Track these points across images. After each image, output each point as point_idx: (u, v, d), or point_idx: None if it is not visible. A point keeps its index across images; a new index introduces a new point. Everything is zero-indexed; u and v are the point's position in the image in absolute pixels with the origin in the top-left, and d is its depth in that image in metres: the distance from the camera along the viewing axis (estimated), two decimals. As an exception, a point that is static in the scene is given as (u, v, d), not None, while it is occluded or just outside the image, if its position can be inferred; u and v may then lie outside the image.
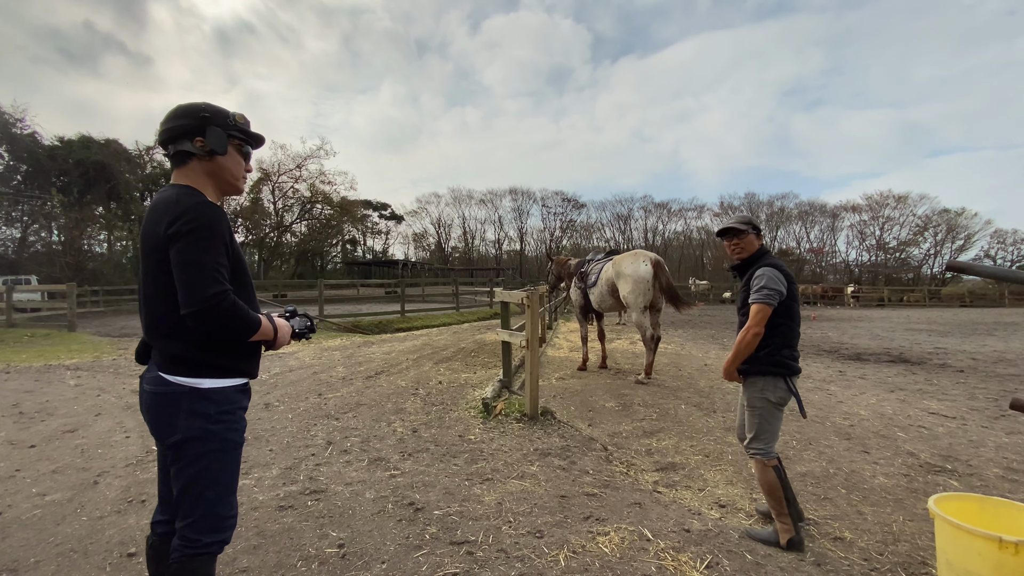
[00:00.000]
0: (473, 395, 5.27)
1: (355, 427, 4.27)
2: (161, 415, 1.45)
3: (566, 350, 9.28)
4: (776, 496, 2.52)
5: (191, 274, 1.34)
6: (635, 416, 4.91)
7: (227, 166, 1.57)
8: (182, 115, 1.51)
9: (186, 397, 1.43)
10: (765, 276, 2.50)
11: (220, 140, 1.53)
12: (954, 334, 13.74)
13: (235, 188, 1.62)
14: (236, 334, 1.43)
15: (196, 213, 1.39)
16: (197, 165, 1.52)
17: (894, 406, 5.50)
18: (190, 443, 1.43)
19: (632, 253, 6.27)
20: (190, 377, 1.43)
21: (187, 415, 1.42)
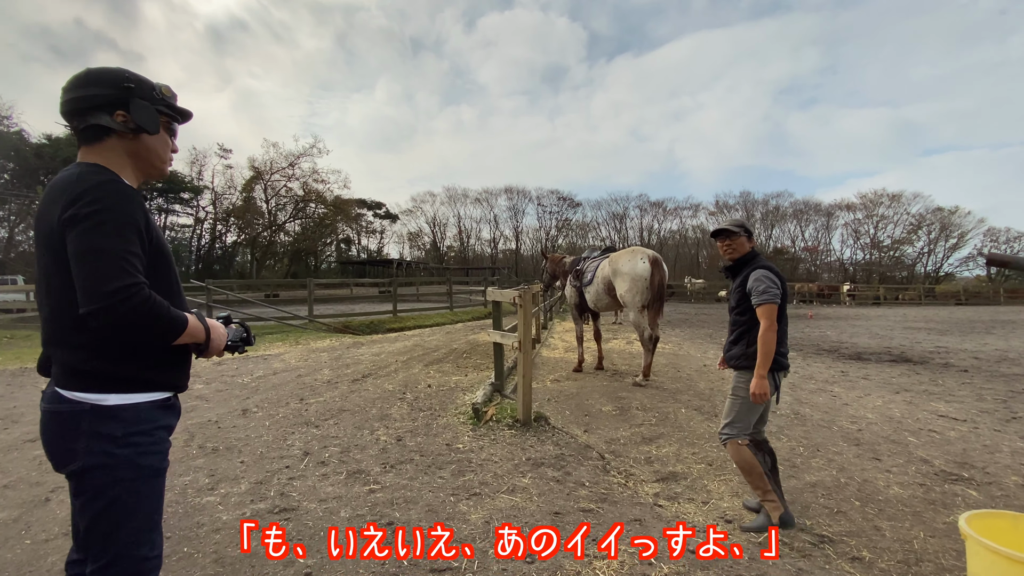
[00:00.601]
0: (463, 399, 5.01)
1: (336, 435, 4.00)
2: (57, 438, 1.22)
3: (561, 350, 9.03)
4: (756, 473, 2.62)
5: (91, 265, 1.12)
6: (633, 421, 4.68)
7: (154, 147, 1.36)
8: (98, 82, 1.27)
9: (87, 416, 1.19)
10: (764, 278, 2.64)
11: (151, 116, 1.32)
12: (953, 332, 13.61)
13: (160, 171, 1.40)
14: (153, 336, 1.22)
15: (99, 193, 1.16)
16: (116, 143, 1.29)
17: (901, 408, 5.30)
18: (93, 472, 1.20)
19: (629, 250, 6.04)
20: (92, 392, 1.20)
21: (88, 438, 1.19)
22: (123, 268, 1.13)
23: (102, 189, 1.17)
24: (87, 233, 1.13)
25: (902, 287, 41.21)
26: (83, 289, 1.12)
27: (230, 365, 7.33)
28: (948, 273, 54.87)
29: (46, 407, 1.24)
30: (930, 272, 54.48)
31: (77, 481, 1.22)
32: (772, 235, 59.62)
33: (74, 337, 1.20)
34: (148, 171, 1.38)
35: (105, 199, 1.16)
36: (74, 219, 1.13)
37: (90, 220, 1.13)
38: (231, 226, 43.57)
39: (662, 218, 60.95)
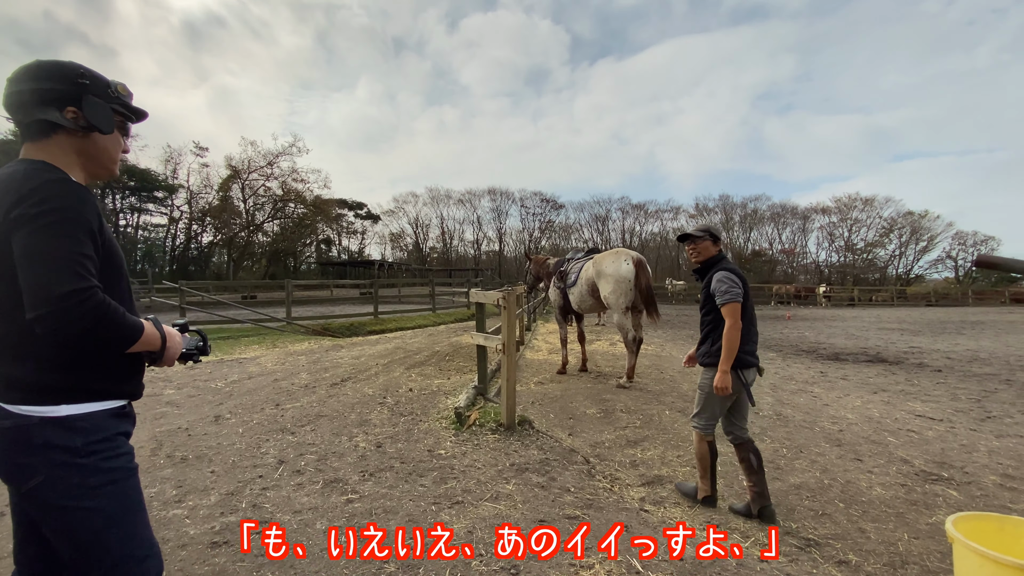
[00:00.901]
0: (445, 403, 4.90)
1: (312, 442, 3.86)
2: (8, 456, 1.14)
3: (545, 352, 8.98)
4: (704, 464, 2.98)
5: (40, 267, 1.05)
6: (618, 423, 4.63)
7: (105, 146, 1.29)
8: (49, 76, 1.20)
9: (38, 430, 1.13)
10: (725, 279, 2.82)
11: (105, 116, 1.26)
12: (925, 333, 13.99)
13: (109, 172, 1.33)
14: (106, 344, 1.15)
15: (49, 191, 1.10)
16: (65, 141, 1.22)
17: (880, 408, 5.37)
18: (60, 483, 1.13)
19: (613, 252, 6.01)
20: (41, 404, 1.14)
21: (45, 451, 1.12)
22: (75, 271, 1.06)
23: (52, 188, 1.10)
24: (36, 234, 1.06)
25: (875, 289, 42.37)
26: (31, 292, 1.05)
27: (203, 369, 7.08)
28: (918, 275, 56.70)
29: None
30: (901, 274, 56.22)
31: (43, 497, 1.13)
32: (751, 238, 60.78)
33: (19, 347, 1.13)
34: (96, 171, 1.30)
35: (55, 198, 1.09)
36: (21, 219, 1.06)
37: (39, 220, 1.06)
38: (207, 226, 42.54)
39: (643, 220, 61.68)
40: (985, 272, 53.10)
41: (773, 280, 46.98)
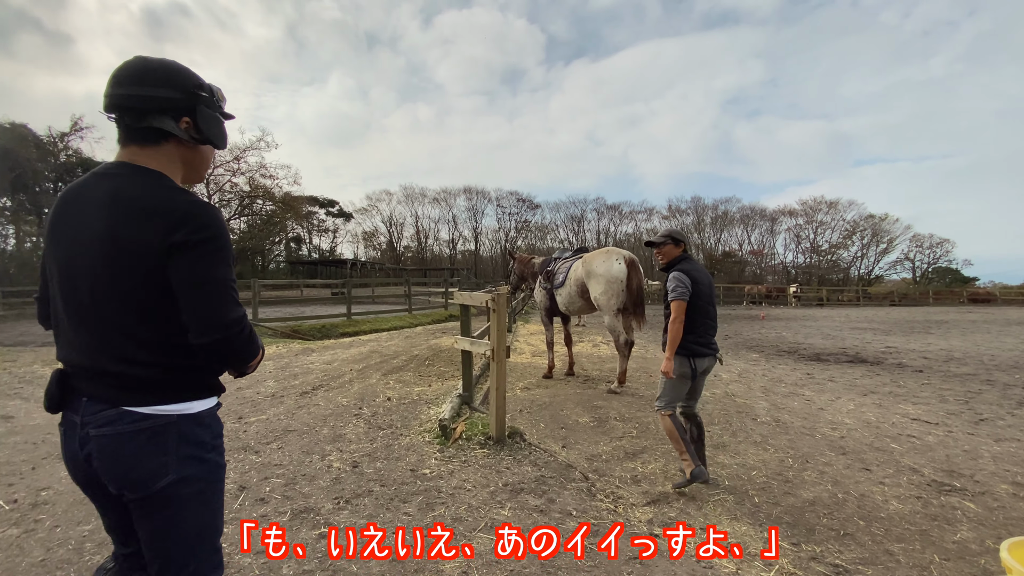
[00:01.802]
0: (428, 414, 4.52)
1: (279, 463, 3.43)
2: (140, 458, 1.12)
3: (528, 355, 8.66)
4: (675, 438, 3.19)
5: (210, 295, 1.12)
6: (613, 433, 4.34)
7: (207, 156, 1.32)
8: (165, 83, 1.18)
9: (174, 428, 1.16)
10: (674, 279, 3.22)
11: (219, 129, 1.28)
12: (895, 332, 14.30)
13: (201, 179, 1.38)
14: (245, 363, 1.23)
15: (208, 219, 1.14)
16: (174, 150, 1.22)
17: (874, 412, 5.25)
18: (188, 482, 1.17)
19: (604, 251, 5.73)
20: (175, 403, 1.16)
21: (179, 448, 1.16)
22: (235, 299, 1.15)
23: (209, 213, 1.14)
24: (202, 261, 1.11)
25: (839, 289, 43.76)
26: (202, 319, 1.11)
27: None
28: (878, 276, 58.99)
29: (111, 431, 1.12)
30: (863, 275, 58.36)
31: (160, 500, 1.14)
32: (721, 239, 62.03)
33: (148, 356, 1.14)
34: (192, 178, 1.31)
35: (215, 225, 1.14)
36: (187, 245, 1.09)
37: (204, 248, 1.11)
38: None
39: (618, 221, 62.09)
40: (939, 273, 55.78)
41: (743, 280, 48.02)
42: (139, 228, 1.09)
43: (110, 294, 1.11)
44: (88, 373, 1.14)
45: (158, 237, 1.08)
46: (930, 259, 58.35)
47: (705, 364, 3.26)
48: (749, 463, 3.75)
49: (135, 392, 1.13)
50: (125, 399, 1.12)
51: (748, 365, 8.26)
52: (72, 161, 38.10)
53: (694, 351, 3.21)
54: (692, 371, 3.21)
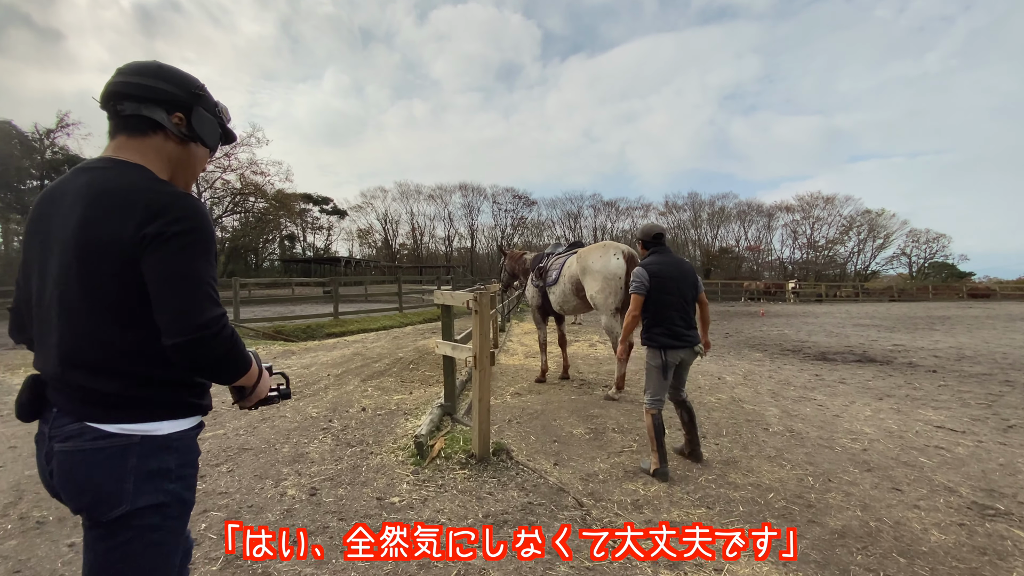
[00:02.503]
0: (405, 427, 4.07)
1: (225, 491, 2.97)
2: (97, 481, 1.00)
3: (521, 356, 8.22)
4: (651, 436, 3.31)
5: (185, 291, 1.00)
6: (611, 447, 3.90)
7: (199, 158, 1.25)
8: (167, 78, 1.16)
9: (136, 450, 1.03)
10: (634, 274, 3.43)
11: (212, 130, 1.25)
12: (899, 329, 13.93)
13: (190, 185, 1.28)
14: (227, 374, 1.09)
15: (186, 210, 1.05)
16: (161, 144, 1.16)
17: (894, 419, 4.84)
18: (144, 514, 1.03)
19: (601, 245, 5.28)
20: (140, 422, 1.04)
21: (138, 475, 1.02)
22: (212, 297, 1.04)
23: (187, 204, 1.05)
24: (177, 255, 1.01)
25: (837, 284, 43.51)
26: (173, 319, 0.99)
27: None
28: (874, 271, 58.89)
29: (73, 447, 1.02)
30: (860, 270, 58.22)
31: (114, 528, 1.02)
32: (718, 235, 61.79)
33: (118, 363, 1.03)
34: (181, 181, 1.22)
35: (193, 217, 1.05)
36: (161, 238, 1.00)
37: (179, 241, 1.01)
38: (159, 221, 39.88)
39: (615, 217, 61.71)
40: (935, 268, 55.70)
41: (740, 276, 47.76)
42: (110, 221, 1.02)
43: (83, 295, 1.03)
44: (57, 383, 1.06)
45: (130, 229, 1.00)
46: (926, 254, 58.34)
47: (679, 356, 3.32)
48: (764, 483, 3.32)
49: (98, 406, 1.03)
50: (88, 413, 1.03)
51: (753, 366, 7.84)
52: (59, 158, 37.38)
53: (663, 343, 3.27)
54: (663, 363, 3.26)
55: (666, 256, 3.50)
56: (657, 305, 3.32)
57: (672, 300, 3.33)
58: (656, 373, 3.31)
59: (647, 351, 3.38)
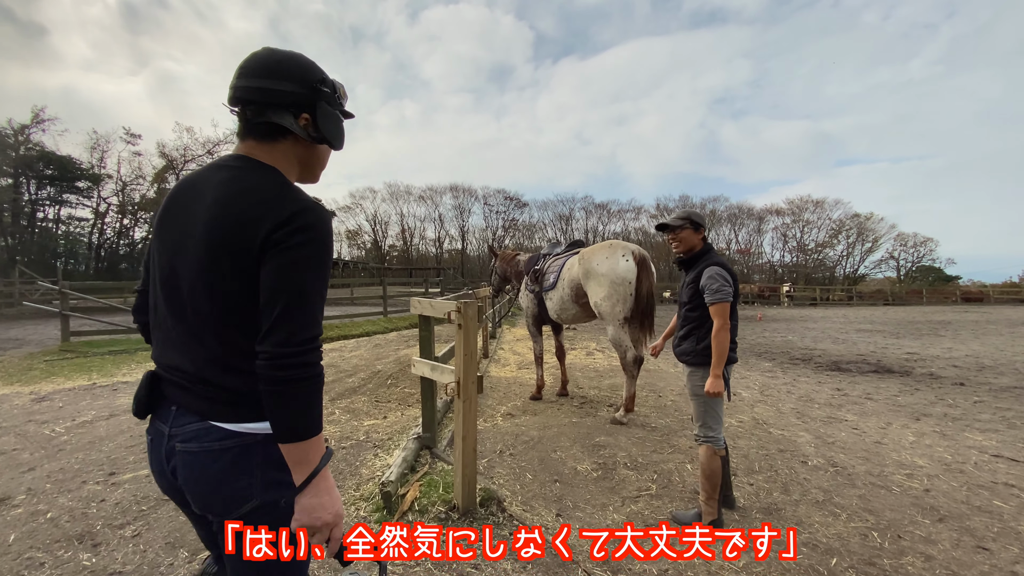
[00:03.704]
0: (372, 465, 3.34)
1: (121, 568, 2.22)
2: (224, 480, 1.01)
3: (513, 367, 7.51)
4: (714, 483, 2.66)
5: (296, 305, 0.98)
6: (625, 490, 3.21)
7: (325, 157, 1.23)
8: (288, 76, 1.10)
9: (260, 448, 1.03)
10: (717, 277, 2.62)
11: (338, 129, 1.19)
12: (904, 335, 13.45)
13: (316, 180, 1.25)
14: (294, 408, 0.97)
15: (314, 220, 1.03)
16: (291, 148, 1.13)
17: (942, 445, 4.21)
18: (268, 509, 1.03)
19: (607, 244, 4.59)
20: (259, 420, 1.03)
21: (266, 472, 1.03)
22: (317, 317, 1.02)
23: (316, 215, 1.03)
24: (298, 267, 0.99)
25: (828, 288, 43.42)
26: (279, 328, 0.96)
27: (52, 402, 5.22)
28: (863, 275, 59.15)
29: (199, 447, 1.01)
30: (848, 274, 58.41)
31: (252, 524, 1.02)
32: (709, 238, 61.64)
33: (240, 362, 1.02)
34: (307, 178, 1.22)
35: (319, 228, 1.03)
36: (285, 246, 0.98)
37: (304, 252, 1.00)
38: (140, 220, 38.58)
39: (606, 220, 61.36)
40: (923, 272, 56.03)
41: (733, 279, 47.28)
42: (242, 223, 1.00)
43: (210, 294, 1.01)
44: (182, 380, 1.06)
45: (259, 233, 0.99)
46: (914, 258, 58.71)
47: (731, 371, 2.78)
48: (820, 541, 2.64)
49: (225, 406, 1.03)
50: (214, 413, 1.03)
51: (766, 378, 7.21)
52: (32, 154, 36.03)
53: (730, 359, 2.70)
54: (727, 382, 2.67)
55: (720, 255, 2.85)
56: (733, 315, 2.69)
57: (736, 309, 2.73)
58: (719, 399, 2.68)
59: (701, 372, 2.67)
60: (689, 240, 2.84)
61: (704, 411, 2.70)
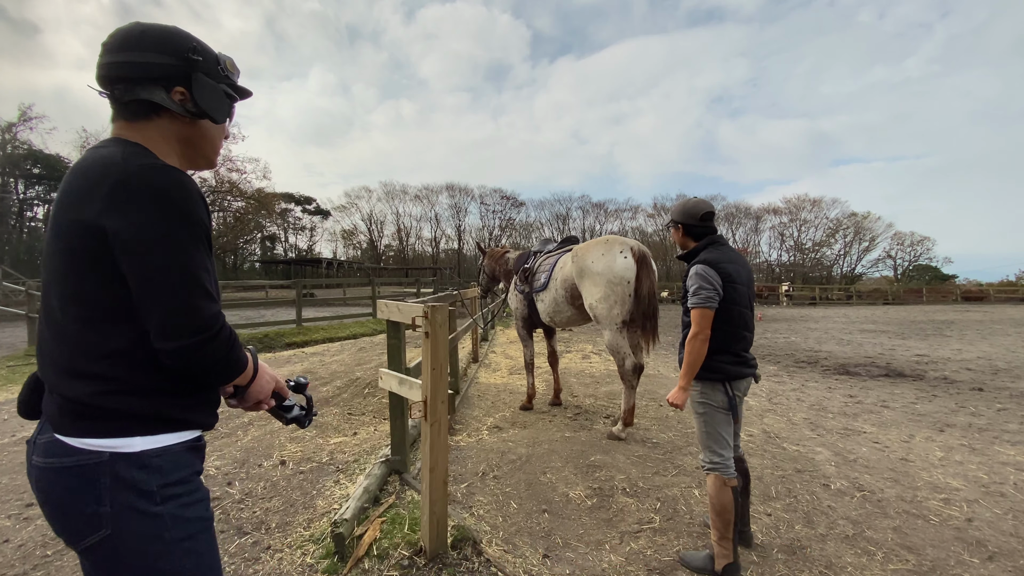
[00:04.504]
0: (331, 494, 2.89)
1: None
2: (67, 504, 0.90)
3: (504, 372, 7.07)
4: (725, 519, 2.26)
5: (173, 286, 0.89)
6: (623, 522, 2.78)
7: (212, 134, 1.11)
8: (157, 47, 1.00)
9: (106, 470, 0.89)
10: (695, 277, 2.34)
11: (218, 101, 1.07)
12: (909, 335, 13.08)
13: (210, 163, 1.13)
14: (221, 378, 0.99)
15: (161, 183, 0.91)
16: (167, 125, 1.03)
17: (974, 462, 3.79)
18: (130, 538, 0.89)
19: (602, 240, 4.15)
20: (110, 436, 0.90)
21: (114, 496, 0.89)
22: (207, 292, 0.92)
23: (163, 177, 0.91)
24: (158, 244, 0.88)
25: (827, 287, 43.17)
26: (165, 319, 0.88)
27: (-4, 415, 4.76)
28: (860, 274, 59.01)
29: (43, 463, 0.92)
30: (846, 273, 58.23)
31: (107, 556, 0.89)
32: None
33: (94, 365, 0.91)
34: (197, 161, 1.11)
35: (171, 192, 0.90)
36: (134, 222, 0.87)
37: (157, 226, 0.88)
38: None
39: (603, 219, 61.07)
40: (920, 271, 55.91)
41: (731, 279, 47.00)
42: (81, 202, 0.90)
43: (63, 287, 0.92)
44: (46, 386, 0.96)
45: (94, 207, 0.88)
46: (911, 257, 58.60)
47: (743, 387, 2.41)
48: (857, 590, 2.22)
49: (69, 417, 0.91)
50: (60, 424, 0.91)
51: (773, 383, 6.79)
52: (20, 152, 35.45)
53: (731, 372, 2.32)
54: (730, 399, 2.31)
55: (726, 249, 2.43)
56: (727, 322, 2.33)
57: (743, 313, 2.36)
58: (722, 417, 2.31)
59: (701, 387, 2.35)
60: (678, 240, 2.60)
61: (706, 432, 2.34)
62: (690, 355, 2.28)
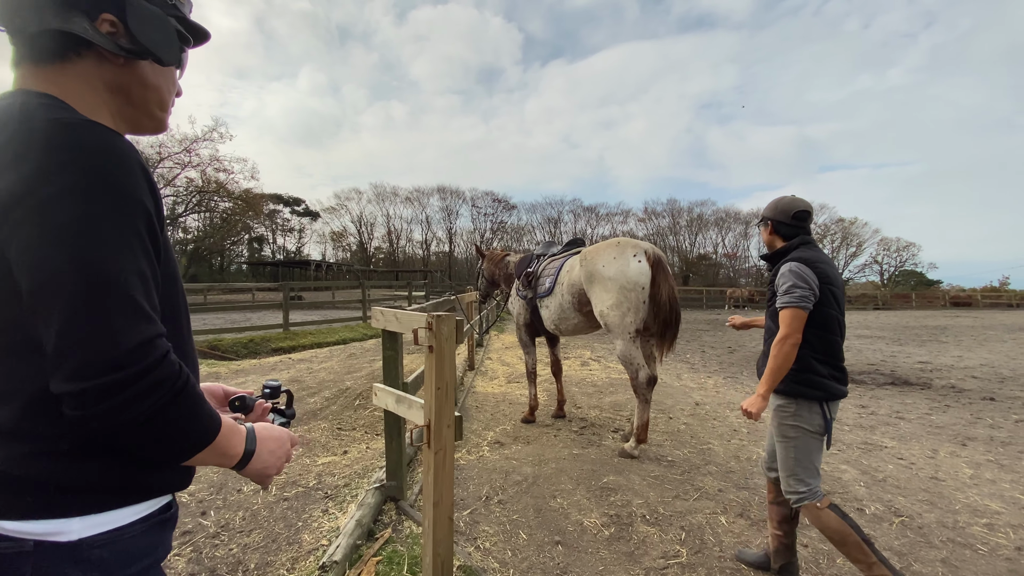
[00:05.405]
0: (318, 527, 2.57)
1: None
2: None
3: (502, 380, 6.76)
4: (852, 541, 1.94)
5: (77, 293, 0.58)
6: (646, 555, 2.49)
7: (155, 82, 0.79)
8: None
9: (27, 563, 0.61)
10: (789, 275, 2.08)
11: (164, 33, 0.77)
12: (905, 341, 13.02)
13: (158, 123, 0.82)
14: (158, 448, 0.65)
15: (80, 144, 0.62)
16: (92, 69, 0.73)
17: (1006, 479, 3.58)
18: None
19: (614, 243, 3.88)
20: (35, 519, 0.62)
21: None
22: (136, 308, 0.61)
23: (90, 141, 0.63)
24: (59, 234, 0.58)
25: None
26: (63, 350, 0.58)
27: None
28: (848, 279, 59.62)
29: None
30: (834, 279, 58.73)
31: None
32: (696, 242, 61.99)
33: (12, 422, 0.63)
34: (138, 120, 0.79)
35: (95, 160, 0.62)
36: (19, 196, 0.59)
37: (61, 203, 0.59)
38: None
39: (595, 223, 61.08)
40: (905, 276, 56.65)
41: (718, 283, 47.35)
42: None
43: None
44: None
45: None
46: (897, 262, 59.36)
47: (838, 407, 2.13)
48: (918, 639, 1.96)
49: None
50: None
51: (779, 392, 6.57)
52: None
53: (832, 391, 2.04)
54: (827, 423, 2.05)
55: (819, 250, 2.19)
56: (824, 327, 2.07)
57: (840, 320, 2.12)
58: (816, 444, 2.06)
59: (796, 407, 2.06)
60: (765, 239, 2.35)
61: (795, 459, 2.05)
62: (775, 359, 2.02)
